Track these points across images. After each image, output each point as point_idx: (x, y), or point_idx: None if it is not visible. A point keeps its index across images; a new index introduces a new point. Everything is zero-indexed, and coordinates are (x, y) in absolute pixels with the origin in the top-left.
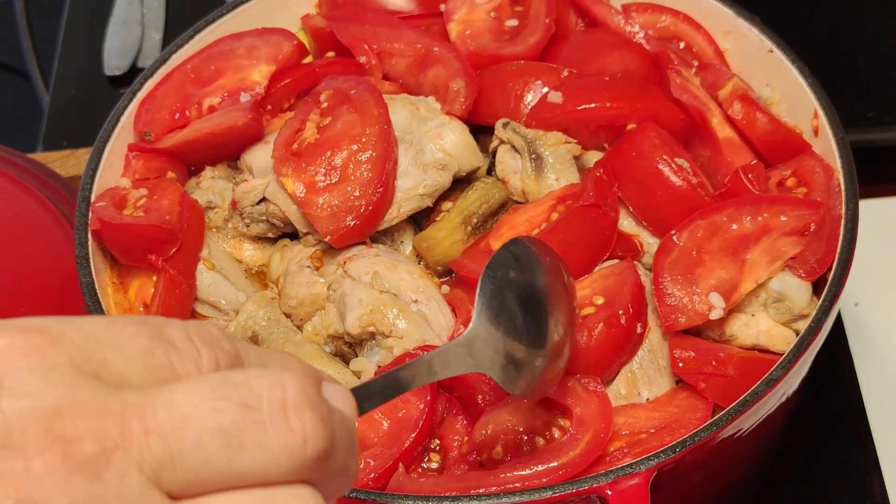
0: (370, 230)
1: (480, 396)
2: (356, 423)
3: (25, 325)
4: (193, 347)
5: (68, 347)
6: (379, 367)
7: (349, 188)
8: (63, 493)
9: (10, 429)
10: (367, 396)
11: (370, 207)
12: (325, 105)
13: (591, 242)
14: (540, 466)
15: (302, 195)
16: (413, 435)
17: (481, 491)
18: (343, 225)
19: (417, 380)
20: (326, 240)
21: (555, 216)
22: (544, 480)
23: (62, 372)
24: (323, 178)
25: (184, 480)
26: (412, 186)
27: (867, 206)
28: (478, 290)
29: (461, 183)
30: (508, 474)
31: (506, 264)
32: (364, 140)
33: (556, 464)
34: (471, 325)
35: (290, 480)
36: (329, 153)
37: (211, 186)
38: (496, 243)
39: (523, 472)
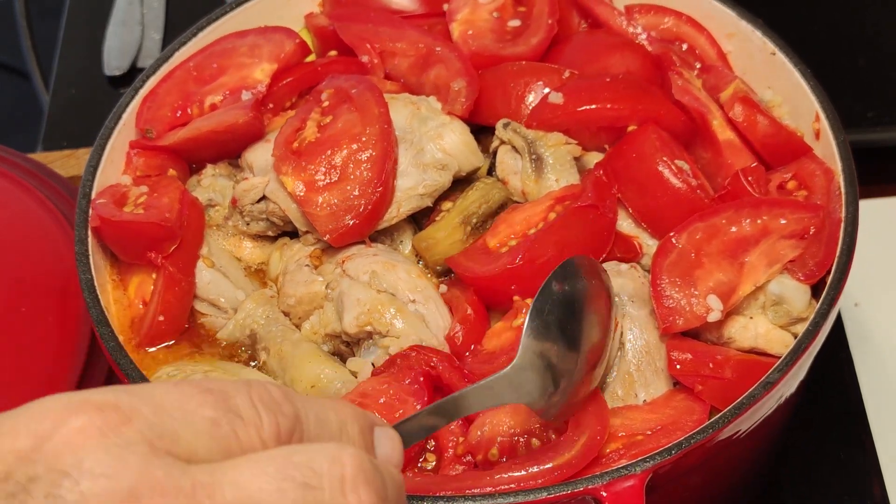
0: (369, 229)
1: None
2: (401, 470)
3: (100, 403)
4: (256, 415)
5: (141, 424)
6: (373, 365)
7: (349, 187)
8: None
9: None
10: (411, 427)
11: (369, 207)
12: (326, 104)
13: (588, 243)
14: (535, 467)
15: (301, 194)
16: None
17: (476, 491)
18: (342, 224)
19: (460, 411)
20: (325, 239)
21: (552, 216)
22: (539, 481)
23: (137, 451)
24: (323, 177)
25: None
26: (412, 186)
27: (867, 207)
28: (527, 321)
29: (461, 183)
30: (503, 475)
31: (557, 296)
32: (364, 139)
33: (551, 465)
34: (518, 356)
35: None
36: (329, 152)
37: (212, 184)
38: (493, 241)
39: (518, 473)
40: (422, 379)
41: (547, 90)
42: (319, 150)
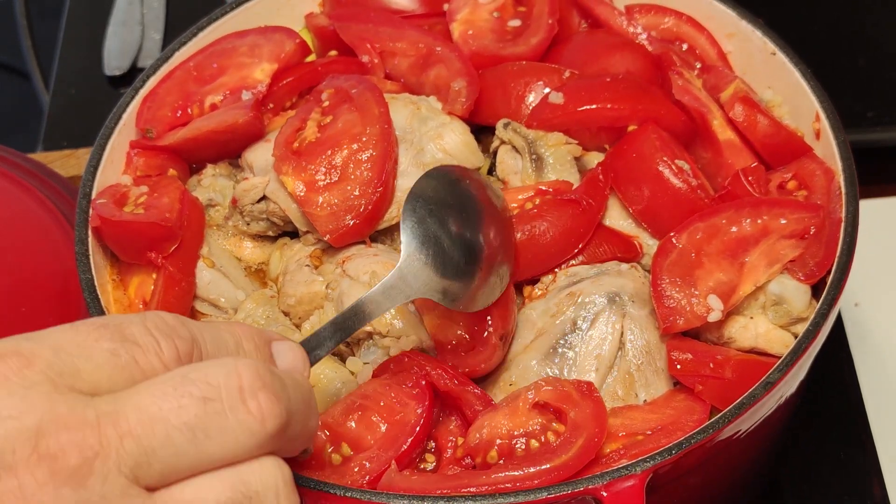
0: (370, 230)
1: (469, 410)
2: (308, 378)
3: (1, 351)
4: (153, 341)
5: (42, 365)
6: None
7: (349, 187)
8: None
9: (1, 451)
10: (319, 344)
11: (370, 207)
12: (326, 104)
13: (559, 238)
14: (532, 468)
15: (302, 194)
16: (410, 439)
17: (473, 490)
18: (342, 224)
19: (363, 318)
20: (326, 239)
21: (529, 206)
22: (536, 482)
23: (40, 390)
24: (323, 177)
25: (159, 474)
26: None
27: (867, 207)
28: (402, 223)
29: None
30: (500, 475)
31: (426, 194)
32: (364, 139)
33: (548, 466)
34: (400, 259)
35: (255, 455)
36: (329, 152)
37: (212, 184)
38: None
39: (516, 473)
40: (423, 382)
41: (547, 90)
42: (320, 150)
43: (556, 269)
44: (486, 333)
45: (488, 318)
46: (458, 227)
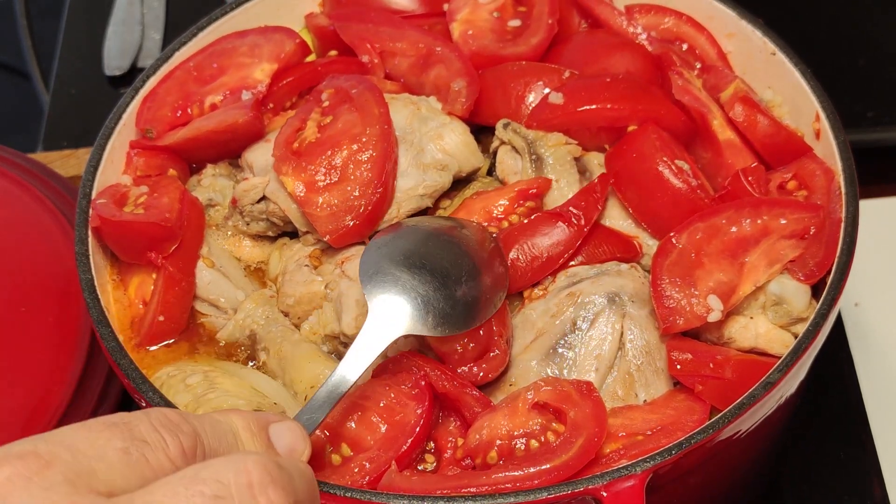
0: (369, 230)
1: (468, 412)
2: (308, 458)
3: (20, 452)
4: (160, 438)
5: (60, 466)
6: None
7: (349, 188)
8: None
9: None
10: (312, 409)
11: (369, 207)
12: (326, 104)
13: (546, 251)
14: (532, 468)
15: (302, 194)
16: (410, 440)
17: (473, 490)
18: (342, 225)
19: (351, 373)
20: (325, 239)
21: (515, 219)
22: (535, 482)
23: (60, 491)
24: (323, 178)
25: None
26: (412, 186)
27: (867, 206)
28: (361, 266)
29: (461, 183)
30: (500, 475)
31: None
32: (364, 140)
33: (548, 466)
34: (370, 301)
35: None
36: (329, 152)
37: (212, 184)
38: None
39: (516, 474)
40: (423, 383)
41: (547, 90)
42: (319, 151)
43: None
44: (494, 339)
45: (493, 325)
46: (427, 266)
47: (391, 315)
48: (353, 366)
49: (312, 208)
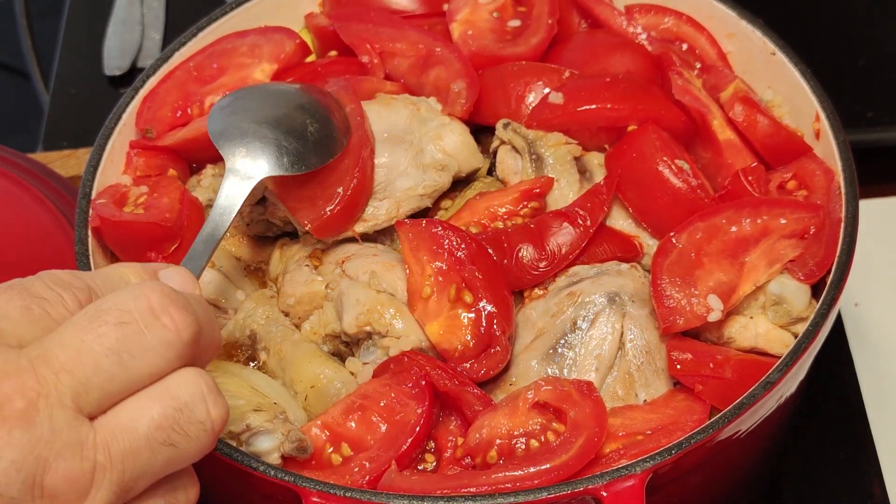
0: (351, 219)
1: (469, 410)
2: (201, 291)
3: None
4: (56, 294)
5: None
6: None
7: (326, 177)
8: (9, 447)
9: None
10: (194, 258)
11: (348, 193)
12: None
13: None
14: (532, 468)
15: (279, 189)
16: (410, 439)
17: (473, 490)
18: (322, 213)
19: (221, 224)
20: (307, 229)
21: (519, 220)
22: (535, 482)
23: None
24: None
25: (97, 401)
26: (412, 186)
27: (867, 206)
28: (210, 123)
29: (461, 183)
30: (500, 475)
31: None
32: None
33: (548, 466)
34: (224, 156)
35: (176, 367)
36: None
37: (212, 184)
38: (456, 224)
39: (515, 473)
40: (423, 382)
41: (547, 90)
42: None
43: None
44: (495, 335)
45: (494, 321)
46: (277, 108)
47: (249, 163)
48: (223, 214)
49: (291, 202)
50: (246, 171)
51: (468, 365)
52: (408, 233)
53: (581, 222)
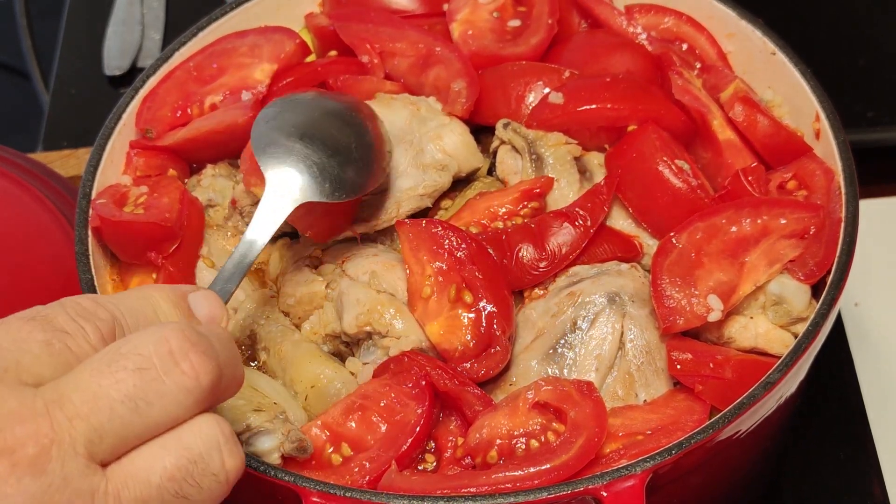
0: (349, 220)
1: (469, 410)
2: (228, 325)
3: None
4: (79, 327)
5: None
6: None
7: None
8: (18, 495)
9: None
10: (224, 280)
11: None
12: None
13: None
14: (532, 468)
15: None
16: (410, 440)
17: (473, 490)
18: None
19: (255, 245)
20: (308, 235)
21: (519, 220)
22: (536, 482)
23: None
24: None
25: (110, 447)
26: (412, 186)
27: (867, 206)
28: (253, 139)
29: (461, 183)
30: (500, 475)
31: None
32: None
33: (548, 466)
34: (266, 175)
35: (194, 413)
36: None
37: (212, 184)
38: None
39: (516, 473)
40: (423, 382)
41: (547, 90)
42: None
43: None
44: (495, 335)
45: (494, 321)
46: (313, 136)
47: (289, 184)
48: (258, 235)
49: None
50: (286, 193)
51: (468, 365)
52: (408, 233)
53: (581, 222)
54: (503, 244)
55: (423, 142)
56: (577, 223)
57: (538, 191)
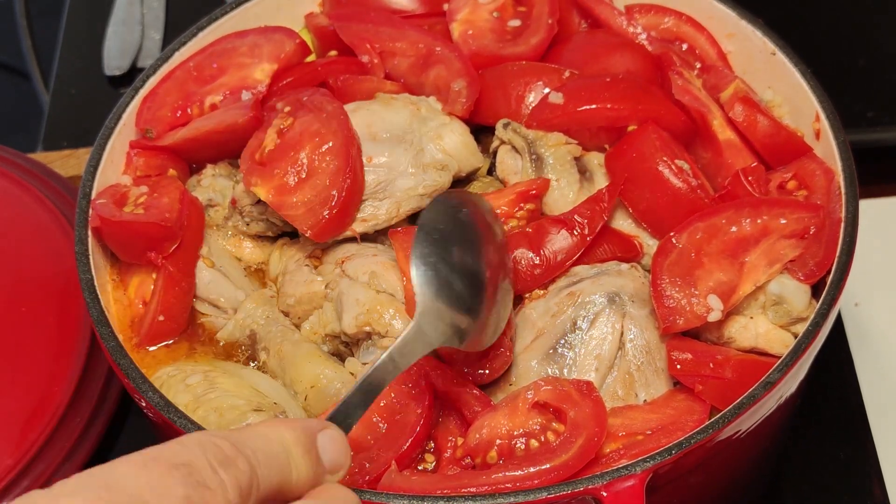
0: (348, 220)
1: (468, 411)
2: (351, 458)
3: (87, 501)
4: (220, 481)
5: None
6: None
7: (319, 181)
8: None
9: None
10: (350, 414)
11: (343, 195)
12: (287, 109)
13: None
14: (532, 468)
15: (275, 199)
16: (410, 440)
17: (473, 490)
18: (320, 217)
19: (387, 377)
20: (308, 235)
21: (514, 223)
22: (535, 482)
23: None
24: (292, 178)
25: None
26: (412, 186)
27: (867, 206)
28: (413, 268)
29: (461, 183)
30: (500, 475)
31: (432, 232)
32: (323, 132)
33: (548, 466)
34: (417, 309)
35: None
36: (293, 153)
37: (212, 184)
38: None
39: (515, 473)
40: (423, 383)
41: (547, 90)
42: (283, 154)
43: None
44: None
45: None
46: (466, 264)
47: (435, 324)
48: (391, 368)
49: (288, 209)
50: (433, 336)
51: (472, 368)
52: (401, 241)
53: (579, 231)
54: None
55: (423, 141)
56: (574, 231)
57: (534, 192)
